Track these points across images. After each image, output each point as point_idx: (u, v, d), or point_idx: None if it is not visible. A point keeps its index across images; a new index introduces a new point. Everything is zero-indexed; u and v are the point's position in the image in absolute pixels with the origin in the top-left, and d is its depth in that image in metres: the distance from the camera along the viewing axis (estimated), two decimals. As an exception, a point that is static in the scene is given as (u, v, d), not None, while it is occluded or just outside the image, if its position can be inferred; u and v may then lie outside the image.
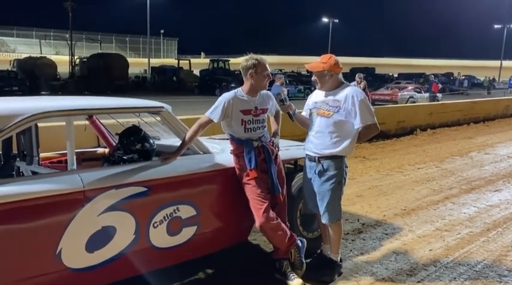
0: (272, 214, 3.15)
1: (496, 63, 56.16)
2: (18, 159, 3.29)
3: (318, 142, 3.22)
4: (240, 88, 3.20)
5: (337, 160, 3.21)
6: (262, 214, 3.09)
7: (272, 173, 3.16)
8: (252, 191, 3.14)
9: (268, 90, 3.37)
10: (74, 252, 2.55)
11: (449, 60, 77.53)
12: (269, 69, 3.19)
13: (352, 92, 3.14)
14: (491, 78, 43.63)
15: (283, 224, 3.23)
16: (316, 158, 3.23)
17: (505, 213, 5.17)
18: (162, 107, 3.12)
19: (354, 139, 3.20)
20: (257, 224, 3.15)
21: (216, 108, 3.10)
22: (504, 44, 52.97)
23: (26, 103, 2.88)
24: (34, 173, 3.05)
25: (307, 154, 3.34)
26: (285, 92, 3.44)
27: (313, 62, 3.25)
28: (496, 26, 57.38)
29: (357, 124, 3.11)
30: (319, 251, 3.55)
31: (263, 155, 3.18)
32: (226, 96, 3.14)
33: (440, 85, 22.36)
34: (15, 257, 2.38)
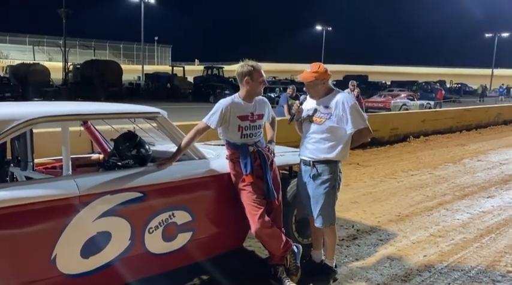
0: (267, 219, 3.15)
1: (487, 71, 56.73)
2: (12, 165, 3.28)
3: (313, 147, 3.27)
4: (237, 94, 3.22)
5: (332, 164, 3.25)
6: (258, 219, 3.09)
7: (267, 179, 3.17)
8: (247, 197, 3.14)
9: (265, 96, 3.39)
10: (68, 258, 2.53)
11: (441, 68, 78.30)
12: (264, 75, 3.22)
13: (342, 98, 3.20)
14: (484, 86, 44.06)
15: (278, 230, 3.23)
16: (311, 162, 3.27)
17: (498, 219, 5.21)
18: (158, 113, 3.13)
19: (347, 144, 3.26)
20: (252, 230, 3.15)
21: (213, 114, 3.11)
22: (495, 52, 53.58)
23: (21, 109, 2.87)
24: (28, 178, 3.03)
25: (302, 159, 3.37)
26: (297, 103, 3.46)
27: (303, 73, 3.31)
28: (487, 35, 58.06)
29: (349, 129, 3.17)
30: (308, 257, 3.56)
31: (259, 160, 3.19)
32: (223, 102, 3.15)
33: (443, 92, 23.02)
34: (10, 263, 2.35)
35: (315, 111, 3.28)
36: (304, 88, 3.40)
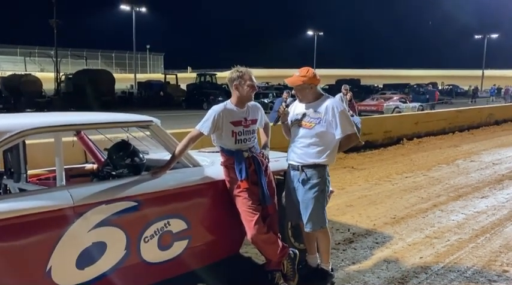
0: (263, 225, 3.15)
1: (477, 72, 57.25)
2: (5, 177, 3.26)
3: (301, 152, 3.29)
4: (229, 100, 3.23)
5: (320, 168, 3.27)
6: (254, 225, 3.09)
7: (263, 185, 3.18)
8: (242, 203, 3.14)
9: (259, 102, 3.41)
10: (64, 270, 2.51)
11: (432, 70, 78.91)
12: (255, 80, 3.23)
13: (332, 104, 3.24)
14: (474, 87, 44.46)
15: (274, 236, 3.24)
16: (300, 167, 3.28)
17: (492, 219, 5.24)
18: (151, 121, 3.13)
19: (335, 148, 3.30)
20: (249, 236, 3.15)
21: (206, 121, 3.12)
22: (485, 53, 54.11)
23: (13, 120, 2.85)
24: (22, 190, 3.01)
25: (290, 164, 3.39)
26: (283, 105, 3.50)
27: (292, 77, 3.33)
28: (476, 36, 58.65)
29: (338, 134, 3.20)
30: (304, 262, 3.56)
31: (253, 166, 3.19)
32: (216, 108, 3.16)
33: (439, 94, 23.91)
34: (4, 276, 2.33)
35: (304, 115, 3.29)
36: (293, 92, 3.42)
